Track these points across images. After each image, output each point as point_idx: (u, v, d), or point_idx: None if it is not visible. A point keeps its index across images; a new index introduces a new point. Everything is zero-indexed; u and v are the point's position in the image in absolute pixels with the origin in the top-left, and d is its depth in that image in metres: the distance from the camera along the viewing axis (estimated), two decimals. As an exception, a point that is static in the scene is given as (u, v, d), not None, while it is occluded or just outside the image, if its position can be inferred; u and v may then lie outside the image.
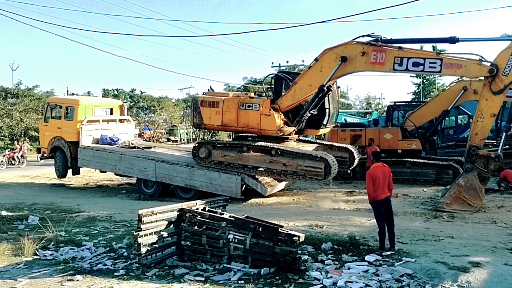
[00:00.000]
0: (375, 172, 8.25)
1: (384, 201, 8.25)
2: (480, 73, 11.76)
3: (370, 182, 8.17)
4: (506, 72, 11.19)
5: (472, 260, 7.16)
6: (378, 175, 8.20)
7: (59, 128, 17.99)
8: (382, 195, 8.21)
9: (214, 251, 7.38)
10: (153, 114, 55.51)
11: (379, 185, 8.17)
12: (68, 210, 12.93)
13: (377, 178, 8.17)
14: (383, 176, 8.23)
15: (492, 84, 11.37)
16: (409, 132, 18.32)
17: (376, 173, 8.22)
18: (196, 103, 14.73)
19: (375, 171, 8.26)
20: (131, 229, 9.47)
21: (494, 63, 11.31)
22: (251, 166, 13.67)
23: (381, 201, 8.22)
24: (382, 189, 8.23)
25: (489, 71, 11.29)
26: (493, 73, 11.25)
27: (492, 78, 11.32)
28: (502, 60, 11.24)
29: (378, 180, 8.17)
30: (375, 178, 8.17)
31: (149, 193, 15.65)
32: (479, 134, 11.81)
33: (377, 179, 8.17)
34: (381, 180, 8.19)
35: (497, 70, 11.22)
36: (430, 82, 56.87)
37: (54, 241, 8.97)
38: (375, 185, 8.16)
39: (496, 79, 11.29)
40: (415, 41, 13.01)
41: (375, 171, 8.27)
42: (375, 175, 8.19)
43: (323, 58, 12.98)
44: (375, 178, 8.17)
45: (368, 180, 8.21)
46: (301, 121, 13.60)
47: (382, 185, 8.22)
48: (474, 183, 11.75)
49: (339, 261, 7.45)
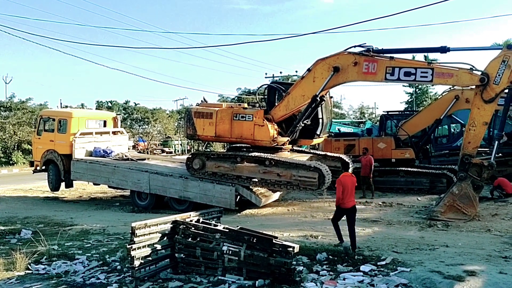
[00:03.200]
0: (345, 180, 8.81)
1: (349, 209, 8.83)
2: (471, 82, 11.83)
3: (340, 189, 8.71)
4: (497, 80, 11.28)
5: (467, 269, 7.16)
6: (347, 183, 8.76)
7: (52, 141, 17.91)
8: (349, 203, 8.81)
9: (208, 263, 7.32)
10: (147, 126, 55.46)
11: (347, 193, 8.74)
12: (61, 224, 12.82)
13: (346, 186, 8.73)
14: (351, 185, 8.83)
15: (483, 92, 11.45)
16: (403, 141, 18.37)
17: (346, 182, 8.77)
18: (189, 114, 14.73)
19: (345, 180, 8.83)
20: (125, 242, 9.38)
21: (485, 72, 11.40)
22: (245, 176, 13.64)
23: (347, 209, 8.82)
24: (350, 197, 8.81)
25: (480, 80, 11.38)
26: (484, 82, 11.33)
27: (484, 86, 11.40)
28: (493, 69, 11.34)
29: (347, 188, 8.73)
30: (345, 186, 8.71)
31: (143, 205, 15.56)
32: (471, 143, 11.88)
33: (346, 187, 8.73)
34: (349, 188, 8.77)
35: (488, 78, 11.31)
36: (422, 91, 57.30)
37: (47, 255, 8.87)
38: (344, 193, 8.71)
39: (487, 88, 11.37)
40: (406, 51, 13.10)
41: (345, 179, 8.84)
42: (345, 183, 8.74)
43: (315, 69, 13.05)
44: (345, 186, 8.71)
45: (339, 186, 8.74)
46: (295, 131, 13.62)
47: (350, 193, 8.79)
48: (468, 192, 11.78)
49: (334, 272, 7.41)
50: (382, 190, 17.26)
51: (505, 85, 11.35)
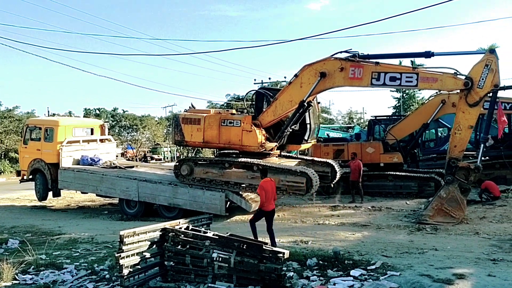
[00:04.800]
0: (266, 185, 9.47)
1: (269, 212, 9.53)
2: (455, 86, 11.98)
3: (263, 193, 9.34)
4: (481, 84, 11.41)
5: (456, 272, 7.19)
6: (268, 188, 9.43)
7: (39, 150, 17.71)
8: (269, 207, 9.48)
9: (198, 271, 7.27)
10: (136, 133, 55.18)
11: (268, 197, 9.39)
12: (49, 233, 12.66)
13: (267, 191, 9.37)
14: (271, 189, 9.53)
15: (467, 96, 11.59)
16: (391, 146, 18.51)
17: (267, 187, 9.44)
18: (177, 121, 14.69)
19: (266, 185, 9.48)
20: (113, 251, 9.27)
21: (468, 76, 11.53)
22: (233, 182, 13.62)
23: (268, 211, 9.50)
24: (270, 200, 9.48)
25: (464, 84, 11.51)
26: (468, 86, 11.47)
27: (468, 91, 11.53)
28: (476, 73, 11.48)
29: (268, 193, 9.38)
30: (266, 190, 9.36)
31: (132, 213, 15.43)
32: (457, 146, 11.99)
33: (268, 192, 9.37)
34: (270, 193, 9.44)
35: (472, 83, 11.44)
36: (410, 96, 57.80)
37: (34, 264, 8.75)
38: (266, 197, 9.35)
39: (471, 92, 11.51)
40: (391, 56, 13.20)
41: (266, 185, 9.50)
42: (266, 188, 9.39)
43: (302, 74, 13.11)
44: (266, 191, 9.35)
45: (261, 191, 9.39)
46: (283, 137, 13.65)
47: (271, 197, 9.48)
48: (456, 195, 11.88)
49: (325, 277, 7.41)
50: (371, 195, 17.37)
51: (488, 88, 11.46)
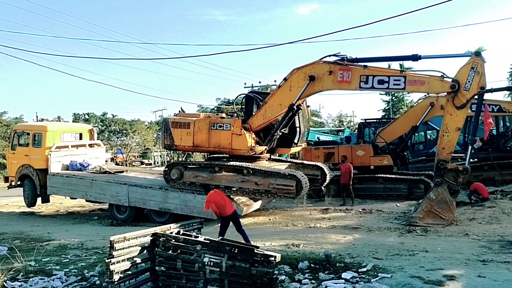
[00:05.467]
0: (212, 197, 9.90)
1: (231, 215, 9.86)
2: (442, 89, 12.12)
3: (212, 205, 9.71)
4: (467, 87, 11.56)
5: (447, 274, 7.24)
6: (215, 198, 9.86)
7: (27, 155, 17.55)
8: (228, 211, 9.81)
9: (190, 276, 7.23)
10: (126, 138, 54.82)
11: (220, 205, 9.74)
12: (38, 239, 12.52)
13: (217, 200, 9.79)
14: (220, 198, 9.92)
15: (454, 99, 11.72)
16: (381, 149, 18.62)
17: (214, 198, 9.85)
18: (167, 125, 14.64)
19: (212, 197, 9.92)
20: (104, 256, 9.19)
21: (455, 79, 11.67)
22: (223, 186, 13.60)
23: (229, 215, 9.82)
24: (225, 206, 9.78)
25: (451, 87, 11.65)
26: (455, 89, 11.61)
27: (454, 93, 11.67)
28: (463, 76, 11.62)
29: (219, 201, 9.78)
30: (215, 201, 9.77)
31: (122, 219, 15.33)
32: (446, 148, 12.11)
33: (218, 201, 9.77)
34: (220, 200, 9.82)
35: (459, 85, 11.58)
36: (399, 99, 58.26)
37: (23, 271, 8.62)
38: (219, 206, 9.72)
39: (458, 94, 11.65)
40: (379, 59, 13.24)
41: (213, 197, 9.92)
42: (214, 199, 9.82)
43: (292, 78, 13.17)
44: (215, 201, 9.76)
45: (211, 205, 9.73)
46: (272, 140, 13.68)
47: (224, 203, 9.79)
48: (445, 197, 11.98)
49: (316, 280, 7.41)
50: (362, 197, 17.45)
51: (475, 91, 11.61)
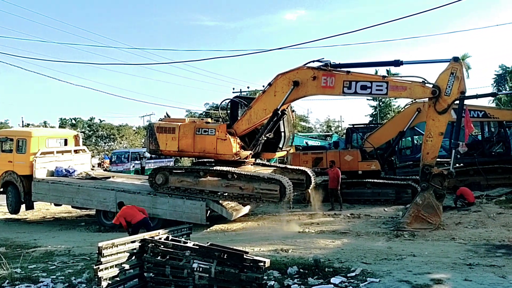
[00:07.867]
0: (125, 212, 10.95)
1: (142, 221, 10.88)
2: (423, 95, 12.27)
3: (122, 219, 10.80)
4: (448, 92, 11.71)
5: (434, 277, 7.31)
6: (126, 212, 10.95)
7: (11, 161, 17.25)
8: (137, 218, 10.81)
9: (179, 282, 7.19)
10: (113, 143, 54.45)
11: (131, 214, 10.86)
12: (24, 246, 12.34)
13: (126, 213, 10.91)
14: (130, 210, 11.02)
15: (436, 104, 11.86)
16: (368, 154, 18.73)
17: (127, 213, 10.93)
18: (152, 130, 14.57)
19: (123, 212, 10.97)
20: (91, 263, 9.11)
21: (436, 85, 11.82)
22: (208, 190, 13.57)
23: (140, 221, 10.81)
24: (135, 213, 10.89)
25: (432, 92, 11.80)
26: (436, 94, 11.75)
27: (436, 98, 11.80)
28: (443, 81, 11.78)
29: (129, 212, 10.94)
30: (126, 214, 10.88)
31: (110, 225, 15.10)
32: (430, 153, 12.24)
33: (127, 214, 10.88)
34: (130, 211, 10.97)
35: (440, 90, 11.73)
36: (386, 104, 58.84)
37: (9, 279, 8.49)
38: (129, 217, 10.81)
39: (439, 100, 11.79)
40: (362, 65, 13.32)
41: (123, 212, 10.98)
42: (126, 213, 10.91)
43: (276, 83, 13.22)
44: (126, 214, 10.87)
45: (121, 219, 10.82)
46: (257, 145, 13.71)
47: (132, 213, 10.90)
48: (431, 201, 12.09)
49: (305, 285, 7.42)
50: (350, 202, 17.51)
51: (455, 95, 11.76)
